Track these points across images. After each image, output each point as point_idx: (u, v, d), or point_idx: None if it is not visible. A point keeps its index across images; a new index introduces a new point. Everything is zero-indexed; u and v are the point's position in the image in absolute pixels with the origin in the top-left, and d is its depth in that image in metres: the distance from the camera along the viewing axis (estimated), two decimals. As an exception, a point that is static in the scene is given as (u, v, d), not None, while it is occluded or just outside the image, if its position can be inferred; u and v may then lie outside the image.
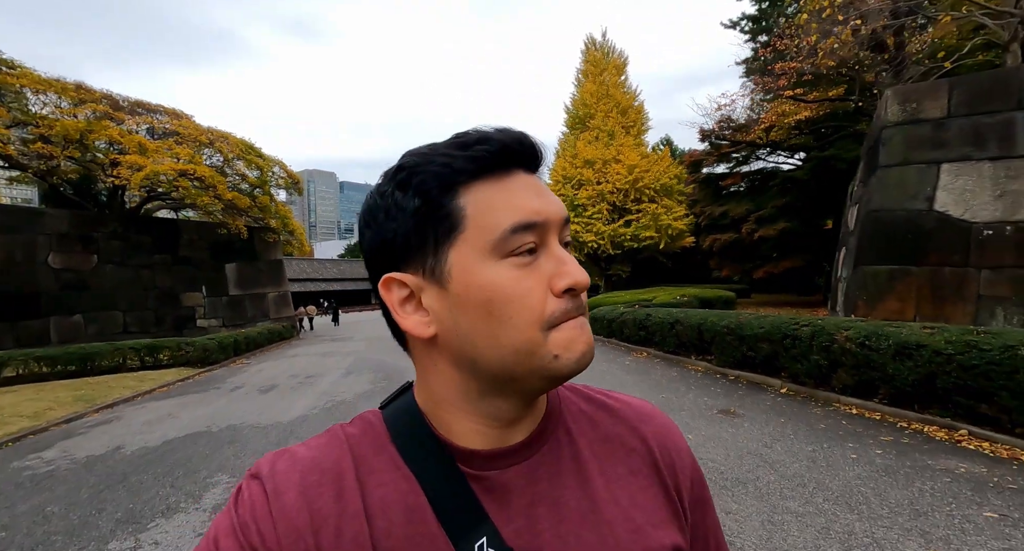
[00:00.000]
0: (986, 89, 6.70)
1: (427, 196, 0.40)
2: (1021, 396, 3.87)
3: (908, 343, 4.79)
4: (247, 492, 0.42)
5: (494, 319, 0.39)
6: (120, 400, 7.89)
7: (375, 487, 0.42)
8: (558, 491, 0.44)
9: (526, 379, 0.41)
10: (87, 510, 3.69)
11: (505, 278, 0.39)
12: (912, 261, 7.01)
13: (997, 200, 6.45)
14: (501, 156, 0.40)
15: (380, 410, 0.48)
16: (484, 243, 0.39)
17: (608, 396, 0.54)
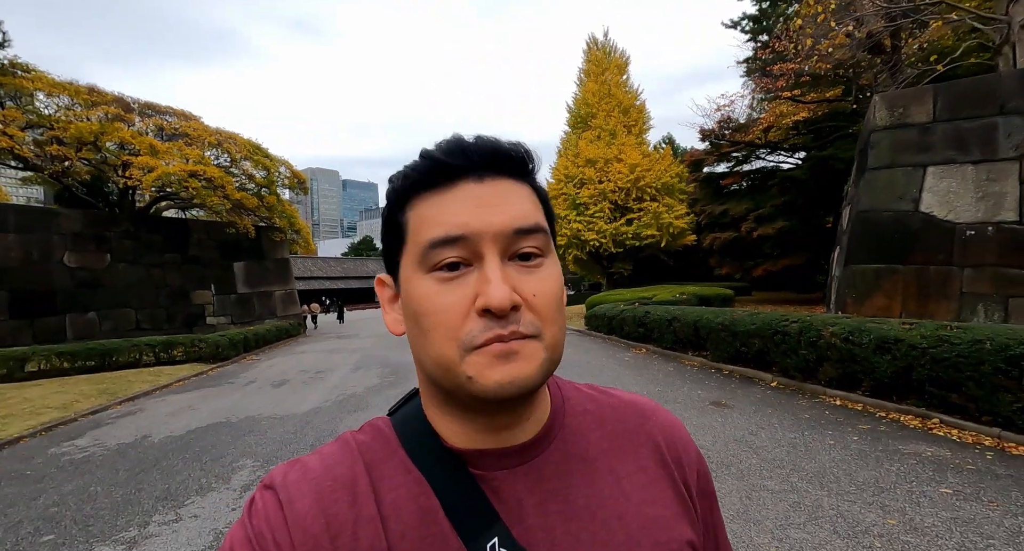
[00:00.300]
0: (969, 95, 6.97)
1: (389, 210, 0.44)
2: (985, 386, 4.17)
3: (887, 338, 5.10)
4: (260, 502, 0.42)
5: (420, 331, 0.41)
6: (140, 393, 8.26)
7: (387, 491, 0.42)
8: (568, 489, 0.44)
9: (455, 393, 0.41)
10: (127, 489, 4.04)
11: (426, 292, 0.40)
12: (899, 260, 7.30)
13: (979, 202, 6.73)
14: (438, 170, 0.41)
15: (388, 417, 0.49)
16: (415, 256, 0.41)
17: (610, 393, 0.54)
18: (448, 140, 0.42)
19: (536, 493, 0.43)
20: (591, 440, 0.48)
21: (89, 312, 15.05)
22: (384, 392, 7.46)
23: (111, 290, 15.66)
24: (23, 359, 9.49)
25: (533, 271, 0.41)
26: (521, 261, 0.41)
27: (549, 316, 0.41)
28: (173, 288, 17.29)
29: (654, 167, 24.49)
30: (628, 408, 0.52)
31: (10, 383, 9.03)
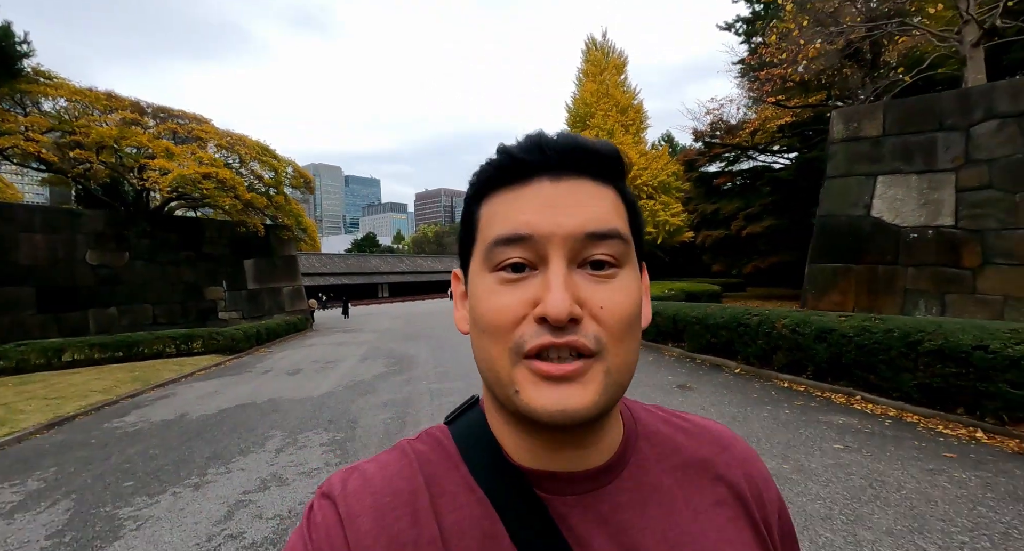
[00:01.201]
0: (913, 112, 7.74)
1: (467, 206, 0.44)
2: (894, 367, 4.99)
3: (825, 328, 5.92)
4: (319, 514, 0.41)
5: (478, 328, 0.39)
6: (169, 380, 9.14)
7: (449, 512, 0.40)
8: (643, 521, 0.41)
9: (505, 403, 0.39)
10: (180, 453, 4.90)
11: (487, 291, 0.38)
12: (853, 260, 8.10)
13: (921, 207, 7.52)
14: (513, 166, 0.39)
15: (446, 425, 0.47)
16: (482, 254, 0.40)
17: (685, 419, 0.51)
18: (528, 135, 0.40)
19: (609, 524, 0.40)
20: (666, 469, 0.45)
21: (110, 307, 15.95)
22: (390, 379, 8.31)
23: (130, 286, 16.55)
24: (60, 350, 10.38)
25: (605, 282, 0.38)
26: (593, 270, 0.38)
27: (617, 333, 0.37)
28: (187, 284, 18.17)
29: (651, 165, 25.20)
30: (704, 435, 0.49)
31: (50, 371, 9.93)
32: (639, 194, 24.95)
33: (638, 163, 24.95)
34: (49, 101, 16.73)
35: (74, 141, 15.58)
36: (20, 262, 14.25)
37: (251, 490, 3.84)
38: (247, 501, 3.63)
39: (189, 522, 3.33)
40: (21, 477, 4.41)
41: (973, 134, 7.33)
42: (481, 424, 0.44)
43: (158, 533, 3.19)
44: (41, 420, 6.24)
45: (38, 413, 6.55)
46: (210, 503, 3.63)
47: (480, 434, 0.44)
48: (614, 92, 28.74)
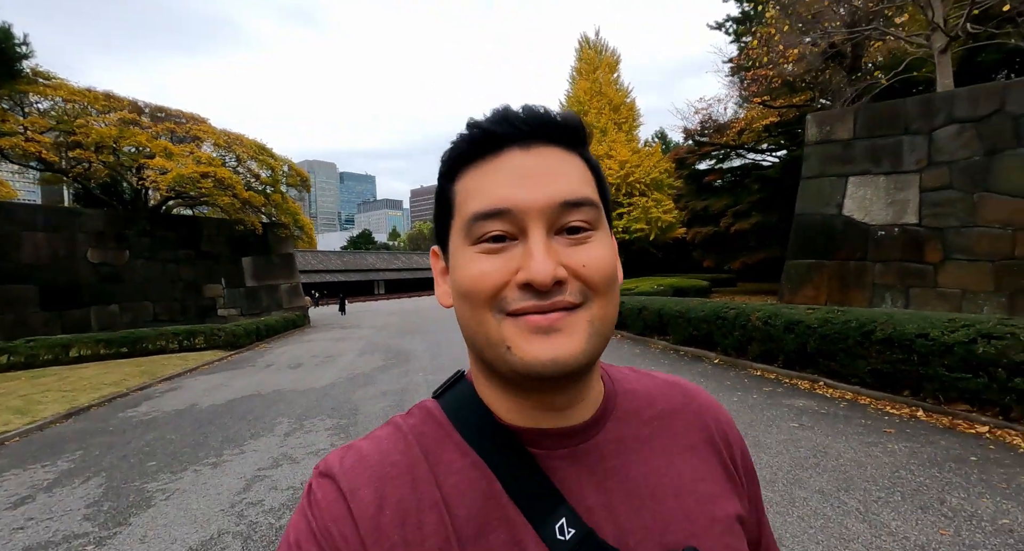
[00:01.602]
0: (881, 117, 8.19)
1: (439, 182, 0.44)
2: (851, 355, 5.46)
3: (793, 320, 6.38)
4: (320, 492, 0.41)
5: (463, 301, 0.41)
6: (175, 374, 9.51)
7: (447, 476, 0.42)
8: (626, 467, 0.45)
9: (497, 364, 0.41)
10: (196, 438, 5.30)
11: (467, 262, 0.40)
12: (825, 256, 8.57)
13: (888, 207, 7.98)
14: (482, 142, 0.41)
15: (436, 399, 0.48)
16: (460, 228, 0.41)
17: (655, 376, 0.55)
18: (495, 109, 0.41)
19: (595, 474, 0.43)
20: (643, 420, 0.48)
21: (111, 305, 16.23)
22: (388, 371, 8.72)
23: (131, 284, 16.83)
24: (68, 346, 10.73)
25: (582, 243, 0.40)
26: (569, 235, 0.40)
27: (599, 287, 0.39)
28: (187, 282, 18.46)
29: (643, 163, 25.62)
30: (673, 388, 0.53)
31: (59, 366, 10.28)
32: (632, 191, 25.36)
33: (631, 161, 25.33)
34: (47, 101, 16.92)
35: (74, 141, 15.83)
36: (23, 260, 14.50)
37: (265, 467, 4.26)
38: (262, 476, 4.05)
39: (212, 493, 3.75)
40: (51, 459, 4.81)
41: (935, 138, 7.80)
42: (470, 393, 0.46)
43: (186, 502, 3.61)
44: (59, 410, 6.62)
45: (55, 404, 6.93)
46: (229, 478, 4.04)
47: (470, 402, 0.46)
48: (607, 90, 29.09)
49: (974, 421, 4.20)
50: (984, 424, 4.12)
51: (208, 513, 3.41)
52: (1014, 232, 7.24)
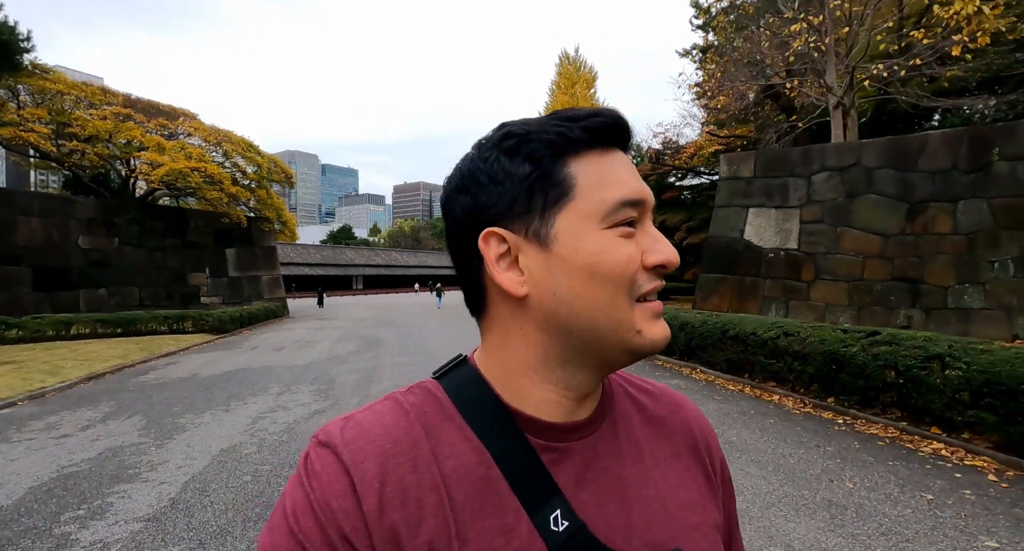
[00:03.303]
0: (774, 161, 10.10)
1: (539, 163, 0.42)
2: (716, 348, 7.23)
3: (685, 321, 8.15)
4: (319, 463, 0.41)
5: (596, 282, 0.40)
6: (171, 352, 10.79)
7: (447, 458, 0.42)
8: (618, 467, 0.46)
9: (610, 349, 0.42)
10: (203, 396, 6.72)
11: (611, 245, 0.41)
12: (729, 271, 10.43)
13: (777, 234, 9.88)
14: (609, 132, 0.43)
15: (436, 379, 0.48)
16: (594, 212, 0.41)
17: (645, 381, 0.56)
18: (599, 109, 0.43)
19: (592, 469, 0.44)
20: (634, 423, 0.50)
21: (100, 288, 17.18)
22: (361, 355, 10.20)
23: (118, 269, 17.78)
24: (69, 324, 11.87)
25: None
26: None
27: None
28: (172, 270, 19.45)
29: (613, 176, 27.59)
30: (662, 395, 0.55)
31: (61, 341, 11.42)
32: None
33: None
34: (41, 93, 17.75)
35: (70, 132, 16.78)
36: (18, 243, 15.39)
37: (264, 412, 5.76)
38: (263, 416, 5.55)
39: (229, 424, 5.24)
40: (92, 406, 6.19)
41: (812, 181, 9.73)
42: (475, 378, 0.46)
43: (211, 429, 5.10)
44: (81, 374, 7.93)
45: (76, 370, 8.22)
46: (238, 417, 5.53)
47: (475, 386, 0.46)
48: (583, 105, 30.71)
49: (772, 392, 6.00)
50: (777, 394, 5.91)
51: (229, 433, 4.91)
52: (863, 259, 9.20)
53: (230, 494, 3.47)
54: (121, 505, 3.32)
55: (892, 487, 3.37)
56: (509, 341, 0.45)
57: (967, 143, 8.55)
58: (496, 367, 0.46)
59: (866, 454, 4.01)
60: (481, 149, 0.45)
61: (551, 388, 0.44)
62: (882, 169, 9.14)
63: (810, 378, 5.56)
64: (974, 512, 3.00)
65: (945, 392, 4.11)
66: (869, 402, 4.89)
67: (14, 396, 6.49)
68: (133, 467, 4.03)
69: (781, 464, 3.86)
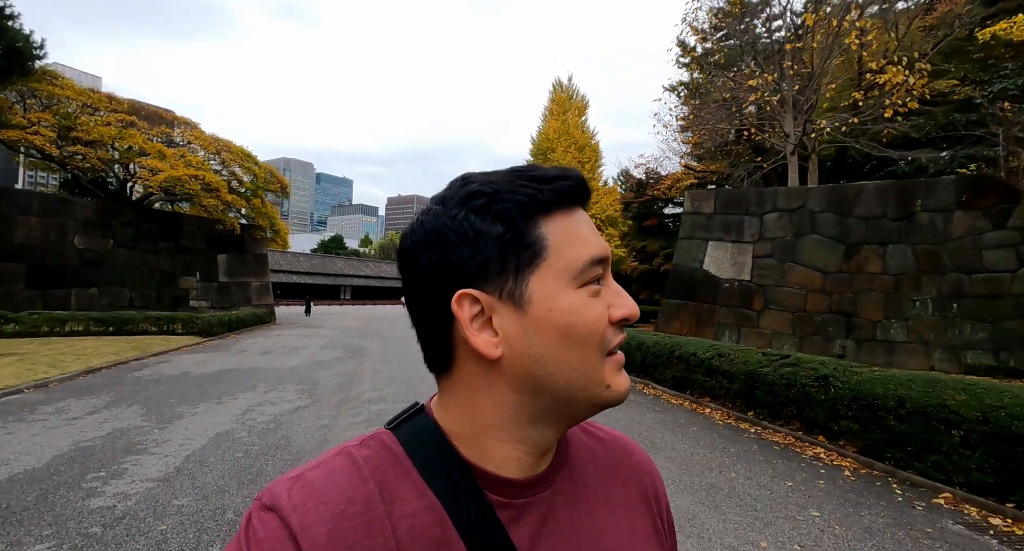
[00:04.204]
0: (732, 199, 11.16)
1: (511, 224, 0.42)
2: (664, 366, 8.06)
3: (641, 341, 8.99)
4: (263, 529, 0.38)
5: (570, 342, 0.41)
6: (162, 351, 11.34)
7: (401, 518, 0.40)
8: (574, 519, 0.46)
9: (580, 405, 0.42)
10: (196, 390, 7.36)
11: (584, 305, 0.41)
12: (690, 298, 11.35)
13: (732, 266, 10.85)
14: (575, 193, 0.44)
15: (390, 430, 0.46)
16: (566, 272, 0.42)
17: (598, 427, 0.56)
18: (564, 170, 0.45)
19: (548, 523, 0.44)
20: (590, 471, 0.50)
21: (91, 288, 17.60)
22: (345, 361, 10.86)
23: (111, 270, 18.24)
24: (64, 320, 12.37)
25: None
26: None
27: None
28: (164, 273, 19.92)
29: (601, 200, 28.77)
30: (615, 442, 0.55)
31: (55, 337, 11.90)
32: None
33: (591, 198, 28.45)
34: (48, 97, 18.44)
35: (75, 137, 17.45)
36: (15, 241, 15.86)
37: (253, 405, 6.43)
38: (252, 409, 6.22)
39: (222, 414, 5.91)
40: (95, 395, 6.81)
41: (764, 220, 10.77)
42: (432, 430, 0.45)
43: (206, 417, 5.76)
44: (80, 368, 8.50)
45: (74, 363, 8.79)
46: (230, 409, 6.20)
47: (432, 439, 0.44)
48: (574, 131, 32.37)
49: (706, 406, 6.82)
50: (709, 408, 6.74)
51: (222, 421, 5.59)
52: (806, 293, 10.18)
53: (225, 465, 4.17)
54: (134, 470, 4.00)
55: (766, 478, 4.18)
56: (478, 400, 0.44)
57: (894, 194, 9.66)
58: (459, 424, 0.45)
59: (760, 455, 4.83)
60: (446, 205, 0.44)
61: (517, 446, 0.44)
62: (824, 213, 10.22)
63: (735, 394, 6.39)
64: (817, 495, 3.82)
65: (826, 406, 4.97)
66: (777, 414, 5.72)
67: (21, 384, 7.07)
68: (140, 444, 4.70)
69: (687, 460, 4.65)
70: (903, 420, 4.18)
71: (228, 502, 3.45)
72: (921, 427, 4.03)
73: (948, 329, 8.91)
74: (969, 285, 8.92)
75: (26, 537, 2.90)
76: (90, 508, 3.29)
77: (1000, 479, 3.50)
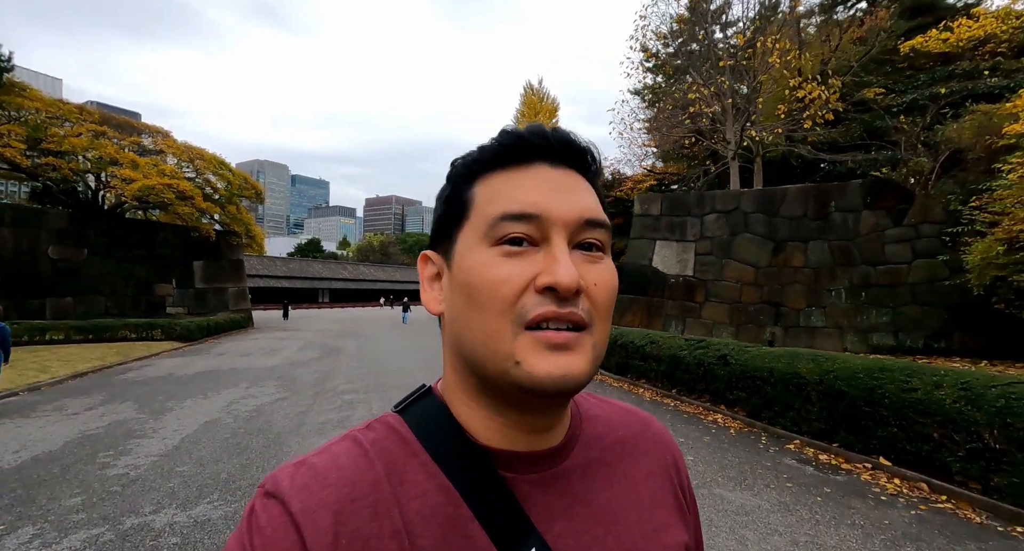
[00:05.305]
0: (676, 202, 12.27)
1: (454, 185, 0.44)
2: (611, 355, 9.05)
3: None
4: (264, 515, 0.37)
5: (472, 302, 0.39)
6: (145, 356, 11.85)
7: (410, 500, 0.39)
8: (591, 494, 0.45)
9: (495, 380, 0.39)
10: (181, 389, 8.02)
11: (487, 263, 0.39)
12: (641, 293, 12.42)
13: (677, 263, 11.95)
14: (515, 148, 0.41)
15: (398, 413, 0.46)
16: (479, 229, 0.40)
17: (612, 403, 0.55)
18: (530, 125, 0.42)
19: (564, 498, 0.43)
20: (605, 445, 0.49)
21: (67, 297, 17.80)
22: (323, 360, 11.56)
23: (86, 279, 18.43)
24: (44, 329, 12.74)
25: (596, 262, 0.41)
26: (583, 251, 0.41)
27: (603, 310, 0.40)
28: (139, 280, 20.14)
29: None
30: (631, 416, 0.54)
31: (36, 346, 12.28)
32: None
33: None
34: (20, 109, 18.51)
35: (46, 148, 17.60)
36: (-12, 252, 15.98)
37: (236, 399, 7.16)
38: (235, 402, 6.96)
39: (208, 406, 6.63)
40: (87, 395, 7.42)
41: (704, 221, 11.91)
42: (439, 409, 0.44)
43: (194, 409, 6.48)
44: (67, 372, 9.04)
45: (62, 368, 9.32)
46: (215, 402, 6.92)
47: (440, 419, 0.43)
48: (545, 134, 33.40)
49: (640, 387, 7.83)
50: (643, 388, 7.74)
51: (209, 411, 6.32)
52: (741, 286, 11.33)
53: (216, 443, 4.95)
54: (138, 449, 4.75)
55: (665, 437, 5.16)
56: (444, 362, 0.45)
57: (814, 197, 10.87)
58: (445, 392, 0.46)
59: (669, 423, 5.81)
60: None
61: (485, 415, 0.43)
62: (755, 214, 11.38)
63: (662, 374, 7.40)
64: (698, 447, 4.82)
65: (725, 380, 5.99)
66: (692, 390, 6.74)
67: (15, 388, 7.64)
68: (139, 431, 5.42)
69: (608, 427, 5.60)
70: (773, 386, 5.21)
71: (221, 467, 4.25)
72: (783, 391, 5.06)
73: (858, 315, 10.15)
74: (874, 276, 10.17)
75: (61, 494, 3.66)
76: (107, 475, 4.05)
77: (828, 426, 4.54)
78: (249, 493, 3.71)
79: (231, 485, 3.86)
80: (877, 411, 4.09)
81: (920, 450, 3.76)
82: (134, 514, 3.35)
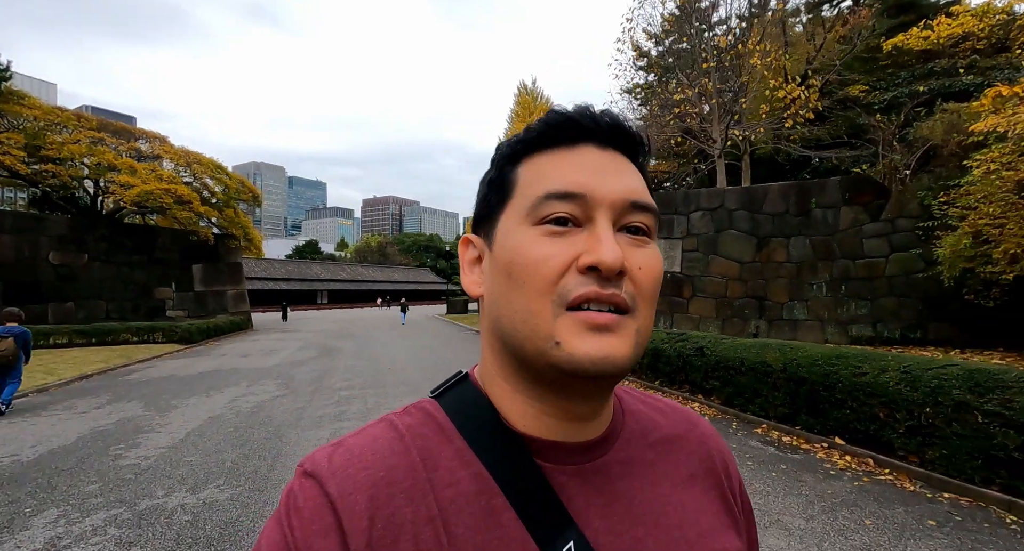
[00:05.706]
0: (664, 200, 12.60)
1: (498, 167, 0.44)
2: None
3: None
4: (302, 496, 0.38)
5: (513, 281, 0.39)
6: (147, 358, 12.15)
7: (445, 486, 0.39)
8: (632, 491, 0.43)
9: (534, 361, 0.38)
10: (185, 388, 8.33)
11: (529, 242, 0.38)
12: (630, 290, 12.76)
13: (665, 259, 12.26)
14: (562, 128, 0.41)
15: (435, 398, 0.45)
16: (522, 208, 0.40)
17: (658, 399, 0.53)
18: (578, 106, 0.42)
19: (603, 494, 0.42)
20: (648, 443, 0.47)
21: (68, 302, 18.08)
22: (319, 360, 11.88)
23: (87, 284, 18.72)
24: (48, 333, 13.02)
25: (641, 245, 0.40)
26: (630, 234, 0.40)
27: (647, 295, 0.39)
28: (139, 284, 20.43)
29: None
30: (676, 414, 0.52)
31: (41, 350, 12.56)
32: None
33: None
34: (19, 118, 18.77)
35: (45, 155, 17.87)
36: (-10, 259, 16.25)
37: (238, 396, 7.47)
38: (237, 399, 7.27)
39: (211, 403, 6.95)
40: (95, 395, 7.73)
41: (691, 218, 12.23)
42: (477, 395, 0.44)
43: (198, 406, 6.80)
44: (74, 374, 9.34)
45: (68, 371, 9.62)
46: (218, 400, 7.23)
47: (476, 404, 0.43)
48: (539, 134, 33.75)
49: (631, 381, 8.12)
50: (629, 381, 8.07)
51: (212, 408, 6.64)
52: (727, 281, 11.67)
53: (220, 436, 5.27)
54: (147, 443, 5.07)
55: (642, 424, 5.49)
56: (483, 345, 0.45)
57: (795, 194, 11.20)
58: (481, 376, 0.45)
59: (649, 411, 6.14)
60: None
61: (523, 400, 0.42)
62: (739, 211, 11.71)
63: (646, 367, 7.73)
64: (672, 432, 5.14)
65: (702, 370, 6.32)
66: (673, 381, 7.07)
67: (24, 390, 7.93)
68: (147, 426, 5.74)
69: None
70: (744, 375, 5.54)
71: (226, 456, 4.57)
72: (752, 379, 5.40)
73: (838, 307, 10.48)
74: (853, 269, 10.52)
75: (79, 482, 3.98)
76: (121, 465, 4.37)
77: (791, 410, 4.87)
78: (253, 478, 4.03)
79: (235, 471, 4.19)
80: (833, 395, 4.43)
81: (868, 429, 4.10)
82: (148, 497, 3.67)
